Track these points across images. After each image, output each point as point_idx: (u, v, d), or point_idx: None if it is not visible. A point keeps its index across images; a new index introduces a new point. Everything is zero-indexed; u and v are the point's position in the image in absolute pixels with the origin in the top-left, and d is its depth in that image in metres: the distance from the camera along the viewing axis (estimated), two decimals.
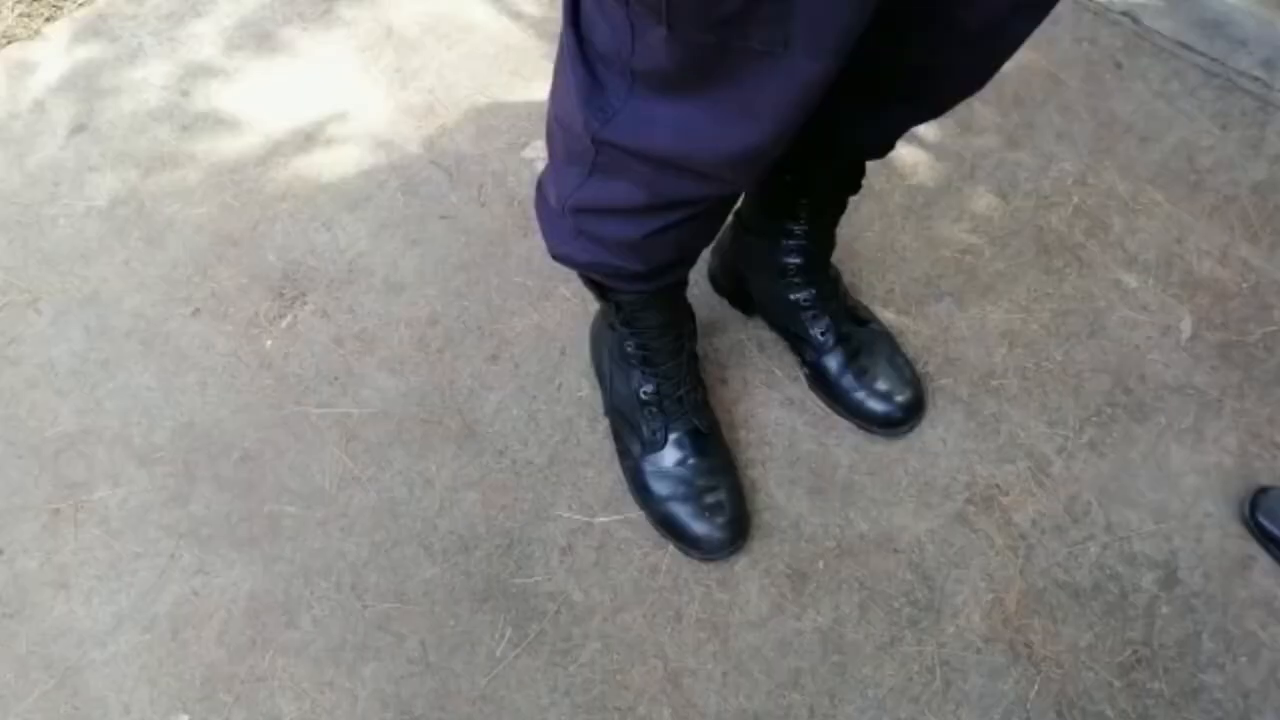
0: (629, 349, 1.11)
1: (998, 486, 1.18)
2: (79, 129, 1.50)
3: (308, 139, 1.49)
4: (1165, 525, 1.15)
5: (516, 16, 1.64)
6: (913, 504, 1.16)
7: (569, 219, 0.93)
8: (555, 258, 1.01)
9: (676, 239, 0.92)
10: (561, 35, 0.80)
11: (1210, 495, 1.17)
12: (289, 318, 1.31)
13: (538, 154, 1.45)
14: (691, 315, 1.15)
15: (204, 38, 1.61)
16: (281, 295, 1.33)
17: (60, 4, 1.64)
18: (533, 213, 1.05)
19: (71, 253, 1.37)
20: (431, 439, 1.21)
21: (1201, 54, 1.56)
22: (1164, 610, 1.09)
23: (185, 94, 1.54)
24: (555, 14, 1.63)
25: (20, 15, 1.63)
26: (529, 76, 1.56)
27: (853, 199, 1.13)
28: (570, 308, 1.31)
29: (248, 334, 1.30)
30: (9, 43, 1.60)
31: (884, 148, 1.03)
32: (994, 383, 1.25)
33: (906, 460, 1.19)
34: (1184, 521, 1.15)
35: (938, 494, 1.17)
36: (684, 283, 1.10)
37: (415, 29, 1.62)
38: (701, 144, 0.76)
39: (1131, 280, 1.34)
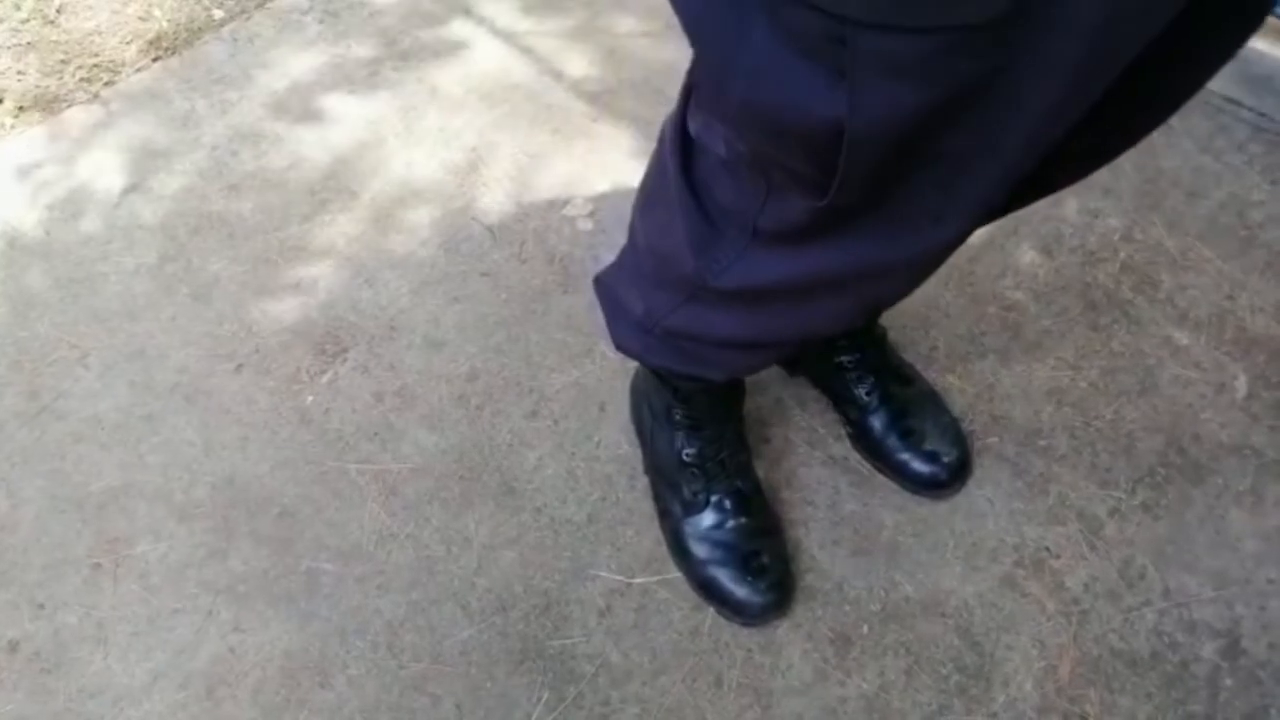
0: (676, 416, 1.10)
1: (1047, 549, 1.14)
2: (131, 189, 1.53)
3: (352, 197, 1.51)
4: (1226, 592, 1.11)
5: (558, 77, 1.66)
6: (959, 566, 1.13)
7: (657, 333, 0.90)
8: (621, 351, 0.99)
9: (764, 362, 0.90)
10: (661, 169, 0.78)
11: (1273, 561, 1.12)
12: (330, 374, 1.32)
13: (578, 211, 1.46)
14: (742, 382, 1.13)
15: (254, 100, 1.65)
16: (323, 351, 1.34)
17: (118, 70, 1.70)
18: (573, 270, 1.05)
19: (120, 309, 1.39)
20: (470, 496, 1.20)
21: (1249, 109, 1.54)
22: (1227, 682, 1.05)
23: (234, 154, 1.57)
24: (595, 73, 1.66)
25: (80, 80, 1.68)
26: (570, 136, 1.57)
27: None
28: (610, 364, 1.30)
29: (289, 390, 1.30)
30: (69, 106, 1.65)
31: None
32: (1042, 442, 1.22)
33: (952, 521, 1.16)
34: (1246, 588, 1.11)
35: (985, 556, 1.14)
36: None
37: (458, 89, 1.65)
38: (810, 295, 0.74)
39: (1183, 337, 1.31)
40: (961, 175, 0.60)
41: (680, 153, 0.74)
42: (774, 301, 0.77)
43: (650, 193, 0.83)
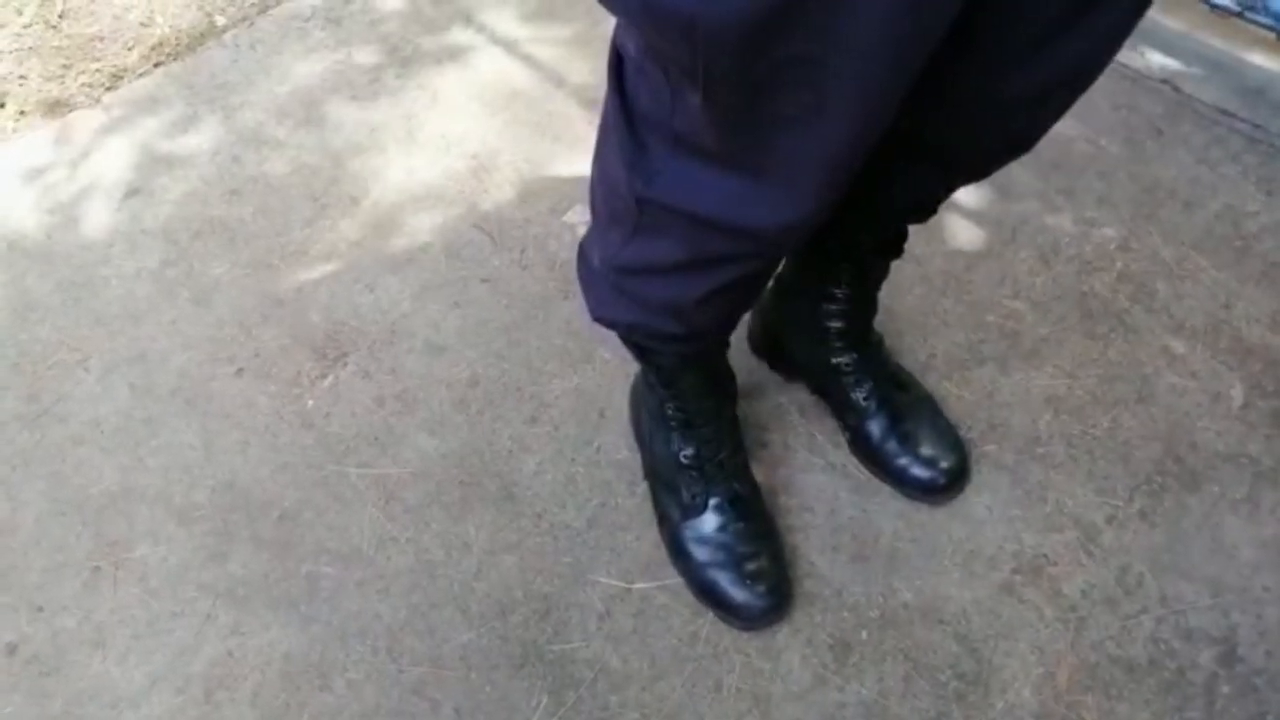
0: (669, 411, 1.10)
1: (1045, 556, 1.15)
2: (133, 193, 1.54)
3: (353, 202, 1.52)
4: (1222, 599, 1.11)
5: (559, 84, 1.67)
6: (958, 573, 1.14)
7: (611, 279, 0.93)
8: (596, 320, 1.01)
9: (718, 302, 0.92)
10: (605, 99, 0.81)
11: (1269, 569, 1.13)
12: (331, 378, 1.32)
13: (579, 218, 1.47)
14: (732, 378, 1.14)
15: (256, 106, 1.66)
16: (324, 356, 1.34)
17: (121, 75, 1.70)
18: (574, 275, 1.06)
19: (121, 313, 1.40)
20: (470, 500, 1.21)
21: (1244, 120, 1.56)
22: (1225, 689, 1.05)
23: (236, 159, 1.58)
24: (595, 80, 1.66)
25: (83, 85, 1.69)
26: (570, 142, 1.58)
27: (894, 263, 1.13)
28: (610, 370, 1.31)
29: (290, 394, 1.31)
30: (71, 110, 1.66)
31: (925, 212, 1.03)
32: (1040, 449, 1.23)
33: (951, 528, 1.17)
34: (1242, 596, 1.11)
35: (983, 563, 1.14)
36: (725, 344, 1.09)
37: (460, 96, 1.66)
38: (742, 210, 0.76)
39: (1179, 346, 1.32)
40: (827, 81, 0.61)
41: (614, 69, 0.76)
42: (703, 213, 0.79)
43: (599, 138, 0.86)
